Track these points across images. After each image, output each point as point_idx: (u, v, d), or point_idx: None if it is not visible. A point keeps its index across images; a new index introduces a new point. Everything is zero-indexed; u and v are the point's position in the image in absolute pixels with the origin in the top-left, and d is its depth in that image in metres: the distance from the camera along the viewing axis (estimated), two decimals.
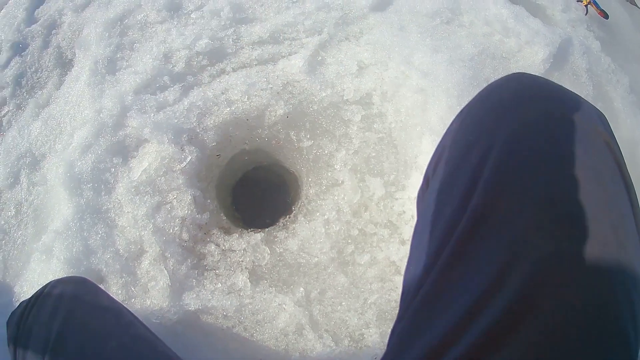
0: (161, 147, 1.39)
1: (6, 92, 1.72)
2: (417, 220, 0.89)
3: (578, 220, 0.60)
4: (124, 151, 1.43)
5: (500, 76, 0.80)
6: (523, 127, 0.67)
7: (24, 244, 1.50)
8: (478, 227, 0.66)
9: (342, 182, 1.37)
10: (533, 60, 1.57)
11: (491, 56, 1.54)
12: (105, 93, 1.50)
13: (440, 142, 0.86)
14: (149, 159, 1.40)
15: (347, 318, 1.30)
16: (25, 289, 1.40)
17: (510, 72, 0.79)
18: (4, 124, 1.68)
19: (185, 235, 1.36)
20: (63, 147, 1.51)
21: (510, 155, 0.66)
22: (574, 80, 1.61)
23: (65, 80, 1.66)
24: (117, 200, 1.39)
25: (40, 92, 1.68)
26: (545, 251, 0.59)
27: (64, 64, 1.72)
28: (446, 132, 0.85)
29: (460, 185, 0.71)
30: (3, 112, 1.70)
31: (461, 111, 0.83)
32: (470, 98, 1.25)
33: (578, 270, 0.58)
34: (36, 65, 1.73)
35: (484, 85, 1.42)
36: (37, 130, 1.59)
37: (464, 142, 0.76)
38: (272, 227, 1.40)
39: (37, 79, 1.72)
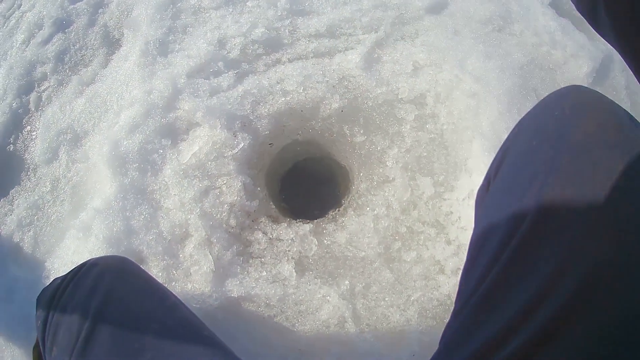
0: (213, 132, 1.40)
1: (47, 68, 1.71)
2: (477, 220, 0.93)
3: (634, 226, 0.63)
4: (174, 133, 1.43)
5: (547, 86, 0.84)
6: (582, 137, 0.71)
7: (58, 220, 1.50)
8: (538, 229, 0.69)
9: (393, 179, 1.38)
10: (577, 73, 1.60)
11: (539, 66, 1.56)
12: (156, 74, 1.51)
13: (503, 145, 0.88)
14: (199, 143, 1.40)
15: (389, 314, 1.31)
16: (57, 266, 1.40)
17: (556, 83, 0.84)
18: (43, 99, 1.68)
19: (232, 222, 1.36)
20: (108, 125, 1.52)
21: (571, 162, 0.69)
22: (614, 96, 1.64)
23: (112, 59, 1.67)
24: (163, 182, 1.39)
25: (84, 70, 1.68)
26: (601, 254, 0.62)
27: (111, 43, 1.73)
28: (509, 137, 0.88)
29: (523, 187, 0.74)
30: (43, 87, 1.69)
31: (524, 117, 0.86)
32: (520, 106, 1.28)
33: (634, 276, 0.61)
34: (80, 42, 1.73)
35: (532, 94, 1.45)
36: (81, 107, 1.59)
37: (527, 147, 0.79)
38: (321, 219, 1.41)
39: (82, 56, 1.72)
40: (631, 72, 0.71)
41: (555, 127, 0.76)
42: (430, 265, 1.34)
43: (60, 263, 1.40)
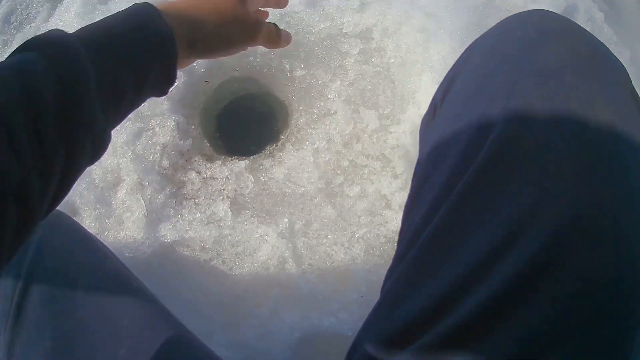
0: None
1: None
2: (422, 150, 0.81)
3: (616, 168, 0.55)
4: None
5: None
6: (552, 62, 0.61)
7: None
8: (500, 159, 0.59)
9: (335, 112, 1.30)
10: None
11: (496, 8, 1.48)
12: None
13: (451, 69, 0.79)
14: None
15: (332, 252, 1.22)
16: None
17: None
18: None
19: (165, 163, 1.28)
20: None
21: (537, 88, 0.60)
22: None
23: (54, 13, 1.61)
24: None
25: (28, 27, 1.62)
26: (579, 198, 0.53)
27: None
28: (457, 61, 0.78)
29: (479, 113, 0.65)
30: None
31: (475, 41, 0.76)
32: None
33: (616, 225, 0.52)
34: (27, 1, 1.69)
35: None
36: None
37: (483, 70, 0.69)
38: (258, 155, 1.33)
39: (27, 15, 1.66)
40: (596, 24, 0.62)
41: (517, 48, 0.66)
42: (375, 200, 1.25)
43: None
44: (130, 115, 1.23)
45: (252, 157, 1.31)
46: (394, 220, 1.22)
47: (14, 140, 0.49)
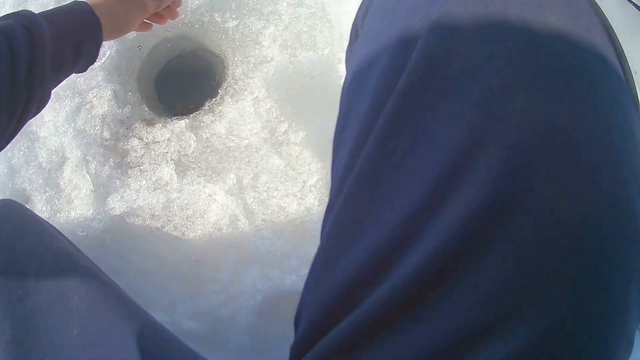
0: None
1: None
2: (345, 81, 0.69)
3: (578, 81, 0.44)
4: None
5: None
6: None
7: None
8: (430, 76, 0.48)
9: (272, 58, 1.23)
10: None
11: None
12: (28, 3, 1.41)
13: None
14: None
15: (285, 205, 1.15)
16: None
17: None
18: None
19: (106, 134, 1.23)
20: None
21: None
22: None
23: None
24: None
25: None
26: (534, 120, 0.42)
27: None
28: None
29: (399, 26, 0.54)
30: None
31: None
32: None
33: (588, 152, 0.42)
34: None
35: None
36: None
37: None
38: (197, 113, 1.26)
39: None
40: None
41: None
42: (324, 144, 1.18)
43: None
44: (68, 92, 1.20)
45: (191, 115, 1.24)
46: None
47: None
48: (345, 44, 1.14)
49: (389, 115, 0.50)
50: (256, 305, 1.11)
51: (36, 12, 0.80)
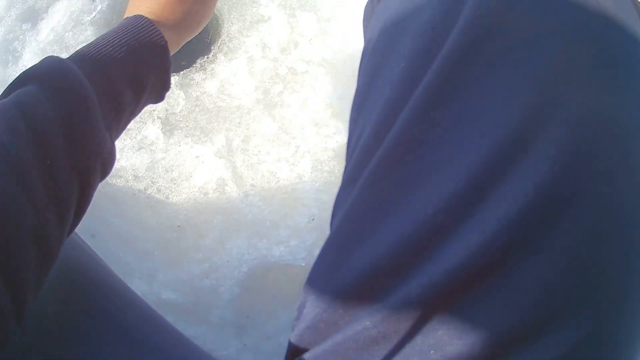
0: (71, 2, 1.20)
1: None
2: (368, 38, 0.61)
3: (630, 72, 0.41)
4: (34, 16, 1.23)
5: None
6: None
7: None
8: (486, 39, 0.42)
9: (269, 18, 1.15)
10: None
11: None
12: None
13: None
14: (57, 17, 1.20)
15: (276, 170, 1.06)
16: None
17: None
18: None
19: None
20: None
21: None
22: None
23: None
24: (23, 66, 1.19)
25: None
26: (592, 105, 0.39)
27: None
28: None
29: None
30: None
31: None
32: None
33: (633, 141, 0.39)
34: None
35: None
36: None
37: None
38: (188, 70, 1.18)
39: None
40: None
41: None
42: (320, 109, 1.09)
43: None
44: (55, 47, 1.12)
45: (182, 72, 1.16)
46: (343, 132, 1.06)
47: (26, 182, 0.44)
48: (346, 6, 1.06)
49: (432, 81, 0.44)
50: (241, 276, 1.03)
51: (77, 48, 0.60)
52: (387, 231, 0.45)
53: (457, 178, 0.41)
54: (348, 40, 1.12)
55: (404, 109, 0.46)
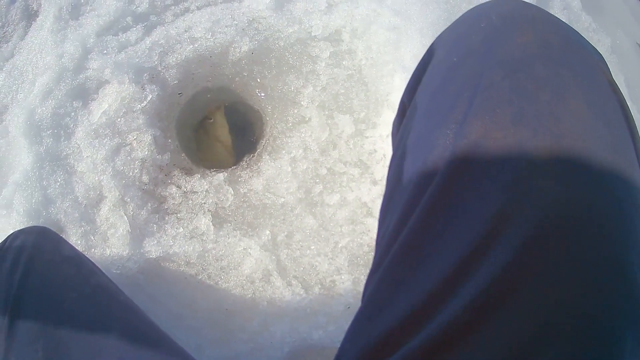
0: (121, 88, 1.21)
1: None
2: (393, 154, 0.72)
3: (588, 163, 0.47)
4: (85, 94, 1.24)
5: None
6: (519, 52, 0.53)
7: None
8: (468, 164, 0.52)
9: (309, 119, 1.18)
10: None
11: (468, 1, 1.35)
12: (67, 38, 1.32)
13: (417, 66, 0.70)
14: (108, 101, 1.22)
15: (316, 263, 1.12)
16: None
17: None
18: None
19: (145, 178, 1.17)
20: (25, 95, 1.33)
21: (505, 80, 0.52)
22: None
23: (29, 30, 1.48)
24: (76, 145, 1.21)
25: (5, 46, 1.49)
26: (551, 197, 0.46)
27: (30, 16, 1.53)
28: (423, 57, 0.69)
29: (445, 110, 0.57)
30: None
31: (440, 35, 0.67)
32: None
33: (589, 223, 0.46)
34: (3, 20, 1.55)
35: None
36: (0, 83, 1.41)
37: (446, 64, 0.61)
38: (235, 167, 1.21)
39: (3, 34, 1.53)
40: (573, 12, 0.52)
41: (481, 39, 0.57)
42: (356, 208, 1.14)
43: None
44: (107, 131, 1.13)
45: (230, 169, 1.19)
46: (376, 228, 1.11)
47: None
48: (380, 108, 1.11)
49: (434, 192, 0.53)
50: (283, 356, 1.09)
51: None
52: (400, 303, 0.54)
53: (448, 263, 0.50)
54: (379, 143, 1.16)
55: (413, 214, 0.56)
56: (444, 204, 0.53)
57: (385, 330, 0.55)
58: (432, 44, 0.68)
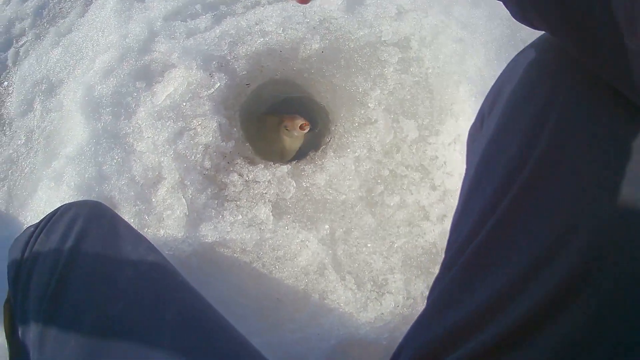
0: (189, 73, 1.21)
1: (25, 24, 1.50)
2: (469, 162, 0.77)
3: None
4: (149, 76, 1.24)
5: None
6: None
7: (32, 172, 1.30)
8: (543, 178, 0.57)
9: (376, 120, 1.19)
10: None
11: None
12: (132, 19, 1.31)
13: (497, 80, 0.75)
14: (174, 84, 1.21)
15: (371, 261, 1.12)
16: (30, 219, 1.19)
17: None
18: (21, 53, 1.48)
19: (207, 163, 1.17)
20: (83, 72, 1.32)
21: (578, 100, 0.57)
22: None
23: (89, 8, 1.47)
24: (137, 124, 1.19)
25: (62, 21, 1.47)
26: (611, 210, 0.50)
27: None
28: (504, 71, 0.74)
29: (523, 128, 0.61)
30: (21, 43, 1.49)
31: (522, 52, 0.72)
32: (508, 55, 1.13)
33: None
34: None
35: (521, 45, 1.26)
36: (57, 57, 1.39)
37: (528, 81, 0.65)
38: (299, 161, 1.22)
39: (60, 9, 1.51)
40: None
41: (557, 65, 0.63)
42: (414, 211, 1.15)
43: (33, 216, 1.19)
44: (171, 114, 1.12)
45: (293, 162, 1.20)
46: (432, 232, 1.13)
47: None
48: (444, 117, 1.12)
49: (510, 202, 0.58)
50: (329, 348, 1.08)
51: None
52: (469, 302, 0.58)
53: (517, 266, 0.55)
54: (440, 150, 1.18)
55: (489, 220, 0.60)
56: (519, 214, 0.57)
57: (453, 326, 0.59)
58: (514, 60, 0.73)
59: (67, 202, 1.08)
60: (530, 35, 1.28)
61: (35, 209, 1.20)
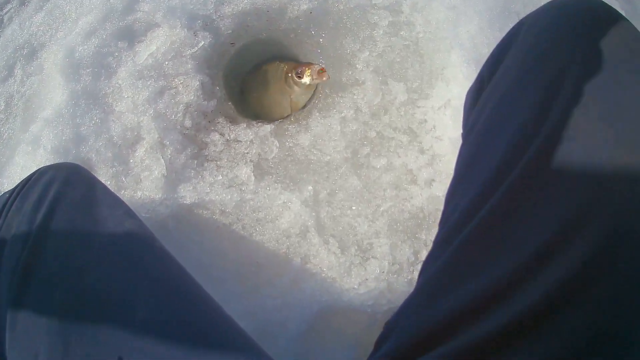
0: (172, 32, 1.16)
1: None
2: (467, 126, 0.70)
3: None
4: (131, 35, 1.20)
5: (531, 11, 0.66)
6: (605, 54, 0.54)
7: (10, 137, 1.25)
8: (554, 155, 0.52)
9: (363, 82, 1.15)
10: None
11: None
12: None
13: (500, 43, 0.70)
14: (157, 43, 1.17)
15: (356, 224, 1.07)
16: (6, 186, 1.14)
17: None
18: (5, 21, 1.44)
19: (187, 123, 1.12)
20: (65, 34, 1.27)
21: (593, 76, 0.53)
22: None
23: None
24: (117, 84, 1.15)
25: None
26: (631, 196, 0.47)
27: None
28: (508, 36, 0.69)
29: (532, 97, 0.57)
30: (5, 10, 1.45)
31: (528, 17, 0.67)
32: (501, 25, 1.11)
33: None
34: None
35: (515, 17, 1.22)
36: (39, 21, 1.35)
37: (537, 50, 0.60)
38: (283, 120, 1.17)
39: None
40: None
41: (568, 31, 0.58)
42: (401, 174, 1.11)
43: (10, 183, 1.15)
44: (153, 73, 1.08)
45: (277, 121, 1.15)
46: (420, 196, 1.08)
47: None
48: (434, 81, 1.08)
49: (518, 179, 0.53)
50: (311, 315, 1.04)
51: None
52: (469, 287, 0.52)
53: (525, 250, 0.49)
54: (430, 114, 1.14)
55: (493, 196, 0.54)
56: (527, 192, 0.52)
57: (450, 311, 0.52)
58: (519, 24, 0.67)
59: (43, 165, 1.03)
60: (523, 8, 1.25)
61: (11, 175, 1.15)
